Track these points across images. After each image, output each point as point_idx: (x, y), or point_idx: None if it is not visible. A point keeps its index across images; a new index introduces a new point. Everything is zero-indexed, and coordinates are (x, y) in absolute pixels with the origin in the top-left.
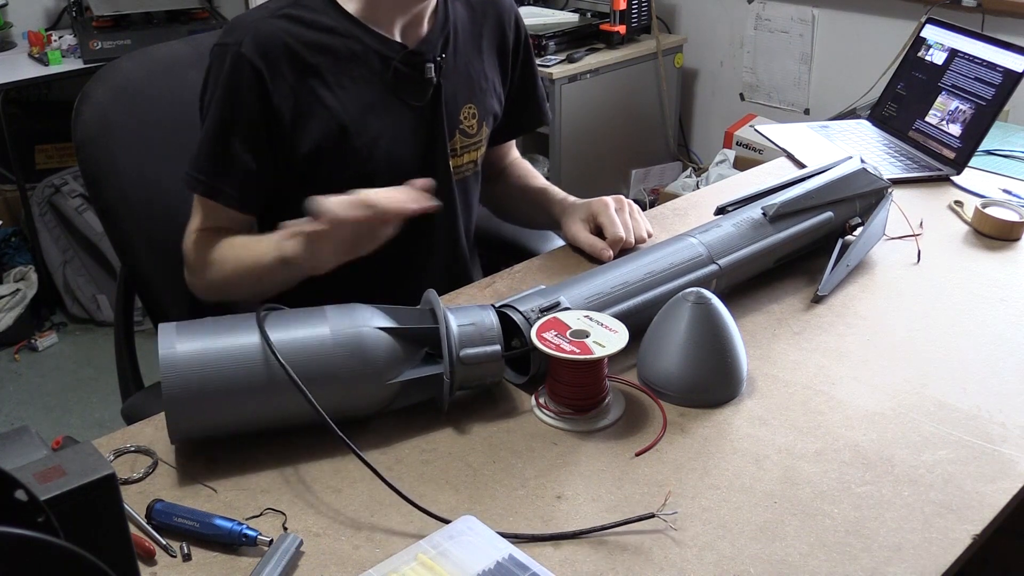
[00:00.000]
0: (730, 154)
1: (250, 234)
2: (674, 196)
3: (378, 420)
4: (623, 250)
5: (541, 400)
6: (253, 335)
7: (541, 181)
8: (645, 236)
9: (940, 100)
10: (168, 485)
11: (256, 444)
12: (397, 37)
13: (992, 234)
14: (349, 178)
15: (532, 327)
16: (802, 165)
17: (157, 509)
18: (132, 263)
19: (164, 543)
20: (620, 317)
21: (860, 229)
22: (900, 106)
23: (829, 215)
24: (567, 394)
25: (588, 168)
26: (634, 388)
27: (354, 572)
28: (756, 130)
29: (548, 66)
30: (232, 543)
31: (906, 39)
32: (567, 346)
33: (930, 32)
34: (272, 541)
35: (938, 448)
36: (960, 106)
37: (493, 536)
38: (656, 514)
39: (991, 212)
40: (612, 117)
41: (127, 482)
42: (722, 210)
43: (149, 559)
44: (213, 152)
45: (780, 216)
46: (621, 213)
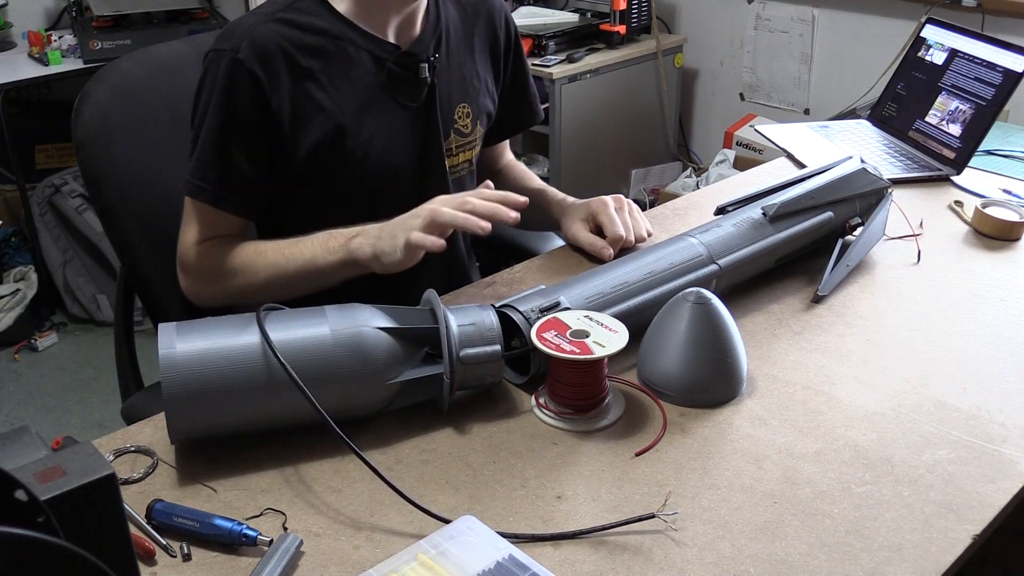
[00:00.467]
0: (730, 154)
1: (250, 238)
2: (674, 196)
3: (378, 420)
4: (623, 249)
5: (541, 400)
6: (253, 335)
7: (538, 183)
8: (645, 235)
9: (940, 100)
10: (168, 485)
11: (256, 444)
12: (391, 38)
13: (992, 234)
14: (346, 179)
15: (532, 327)
16: (802, 165)
17: (157, 509)
18: (132, 263)
19: (164, 543)
20: (620, 317)
21: (860, 229)
22: (900, 106)
23: (829, 215)
24: (567, 394)
25: (588, 168)
26: (634, 388)
27: (354, 572)
28: (756, 130)
29: (548, 66)
30: (232, 543)
31: (906, 39)
32: (567, 346)
33: (930, 32)
34: (272, 541)
35: (938, 448)
36: (960, 106)
37: (493, 536)
38: (656, 514)
39: (991, 212)
40: (612, 117)
41: (127, 482)
42: (722, 210)
43: (149, 559)
44: (215, 159)
45: (780, 216)
46: (620, 212)
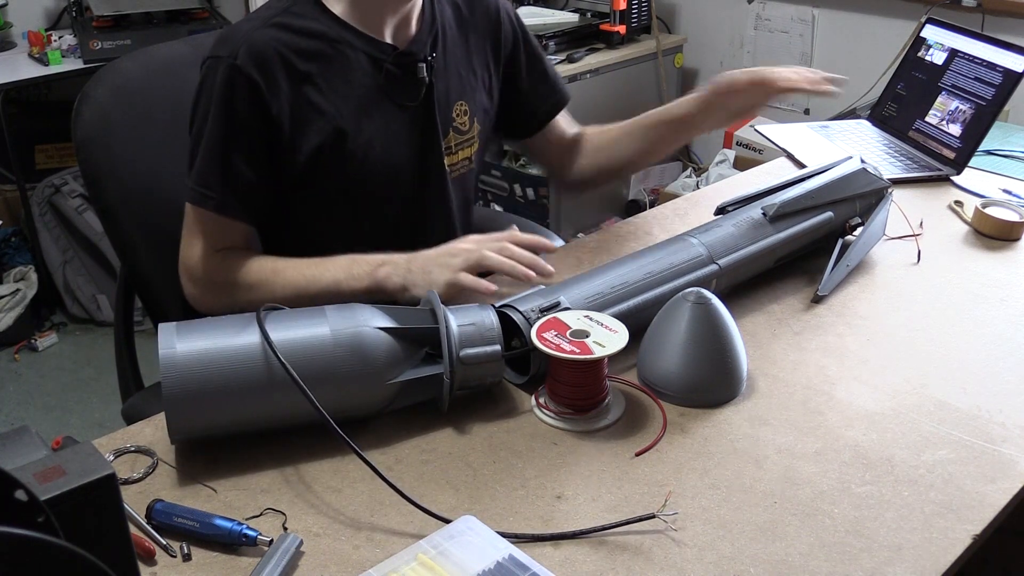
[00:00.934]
0: (730, 154)
1: (256, 248)
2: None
3: (378, 420)
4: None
5: (541, 400)
6: (253, 335)
7: (637, 117)
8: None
9: (940, 100)
10: (168, 485)
11: (256, 444)
12: (387, 38)
13: (992, 234)
14: (346, 181)
15: (532, 327)
16: (802, 165)
17: (157, 509)
18: (132, 263)
19: (164, 543)
20: (620, 317)
21: (860, 229)
22: (900, 106)
23: (829, 215)
24: (567, 394)
25: None
26: (634, 388)
27: (354, 572)
28: (756, 130)
29: None
30: (232, 543)
31: (906, 39)
32: (567, 346)
33: (930, 32)
34: (272, 541)
35: (938, 448)
36: (960, 106)
37: (493, 536)
38: (656, 514)
39: (991, 212)
40: (612, 117)
41: (127, 482)
42: (722, 210)
43: (149, 559)
44: (217, 166)
45: (780, 216)
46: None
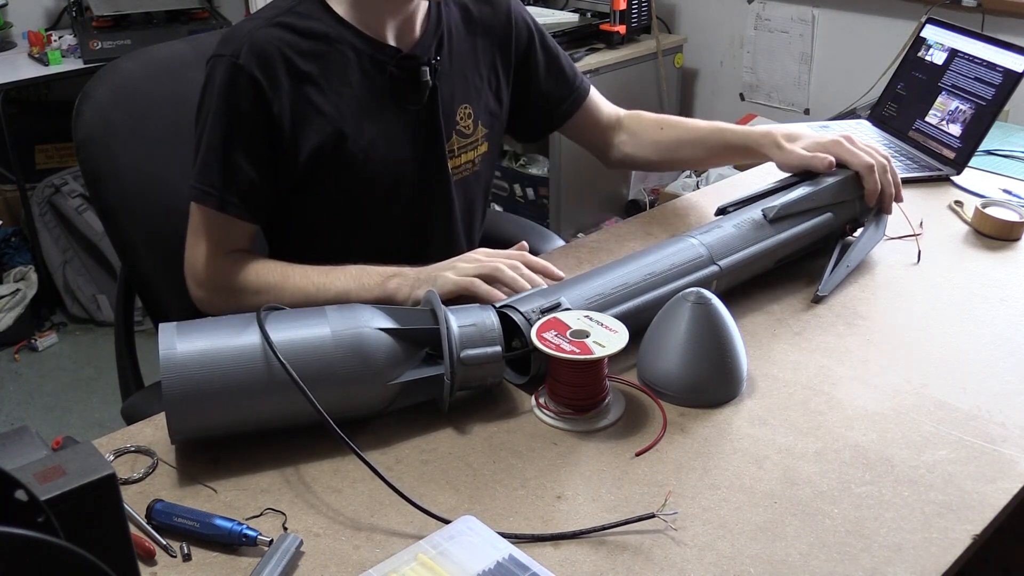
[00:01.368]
0: None
1: (261, 250)
2: (674, 196)
3: (378, 420)
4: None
5: (541, 400)
6: (253, 335)
7: (705, 123)
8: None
9: (940, 100)
10: (168, 485)
11: (256, 444)
12: (391, 40)
13: (992, 234)
14: (348, 183)
15: (532, 327)
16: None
17: (157, 509)
18: (132, 263)
19: (164, 543)
20: (621, 317)
21: (860, 230)
22: (900, 106)
23: (829, 216)
24: (567, 394)
25: (588, 168)
26: (634, 388)
27: (354, 572)
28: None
29: None
30: (232, 543)
31: (906, 39)
32: (567, 346)
33: (930, 32)
34: (272, 541)
35: (938, 448)
36: (960, 106)
37: (493, 536)
38: (656, 514)
39: (991, 212)
40: None
41: (127, 482)
42: (723, 211)
43: (149, 559)
44: (218, 164)
45: (780, 217)
46: (859, 148)
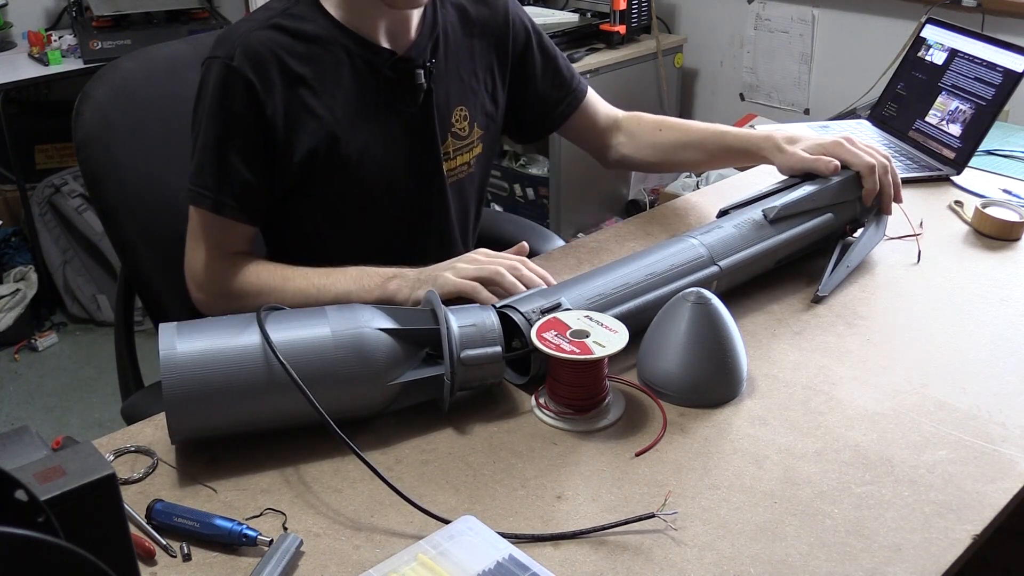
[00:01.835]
0: None
1: (260, 253)
2: (674, 196)
3: (378, 420)
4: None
5: (541, 400)
6: (253, 335)
7: (706, 125)
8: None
9: (940, 100)
10: (168, 485)
11: (256, 444)
12: (384, 43)
13: (992, 234)
14: (343, 186)
15: (532, 327)
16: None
17: (157, 509)
18: (132, 263)
19: (164, 543)
20: (621, 318)
21: (860, 230)
22: (900, 106)
23: (829, 217)
24: (567, 394)
25: (588, 168)
26: (634, 388)
27: (354, 572)
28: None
29: None
30: (232, 543)
31: (906, 39)
32: (567, 346)
33: (930, 32)
34: (272, 541)
35: (938, 448)
36: (960, 106)
37: (493, 536)
38: (656, 514)
39: (991, 212)
40: None
41: (127, 482)
42: (724, 213)
43: (149, 559)
44: (213, 165)
45: (781, 218)
46: (861, 149)
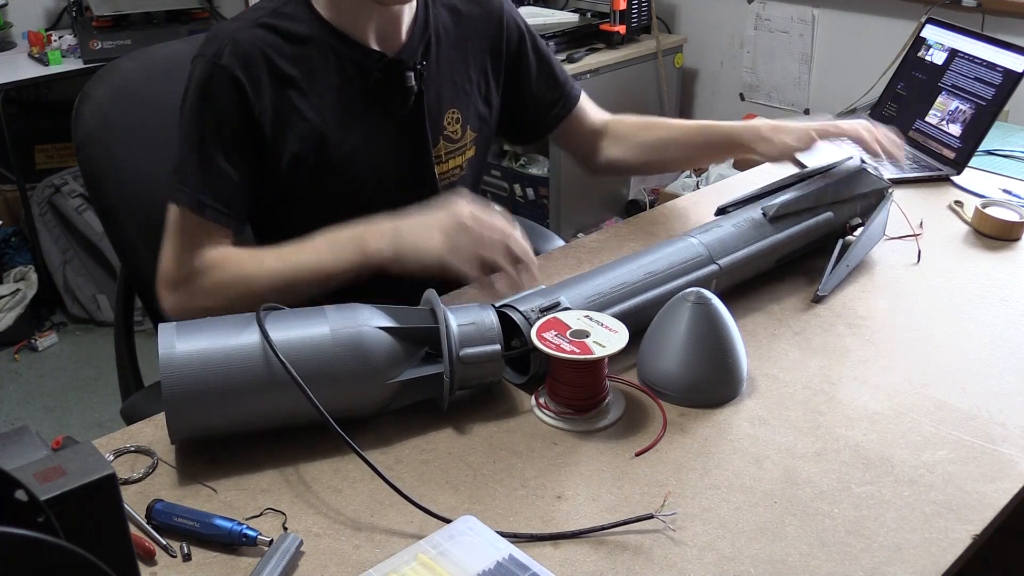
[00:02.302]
0: None
1: (244, 247)
2: (674, 196)
3: (378, 420)
4: (632, 251)
5: (541, 400)
6: (253, 335)
7: (685, 122)
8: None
9: (940, 100)
10: (168, 485)
11: (256, 444)
12: (374, 44)
13: (992, 234)
14: (332, 188)
15: (532, 327)
16: (802, 165)
17: (157, 509)
18: (132, 263)
19: (164, 543)
20: (620, 317)
21: (860, 229)
22: (900, 106)
23: (829, 215)
24: (567, 394)
25: None
26: (634, 388)
27: (354, 572)
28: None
29: None
30: (232, 543)
31: (906, 39)
32: (567, 346)
33: (930, 32)
34: (272, 541)
35: (938, 448)
36: (960, 106)
37: (493, 536)
38: (655, 515)
39: (991, 212)
40: None
41: (127, 482)
42: (723, 211)
43: (149, 559)
44: (196, 163)
45: (780, 216)
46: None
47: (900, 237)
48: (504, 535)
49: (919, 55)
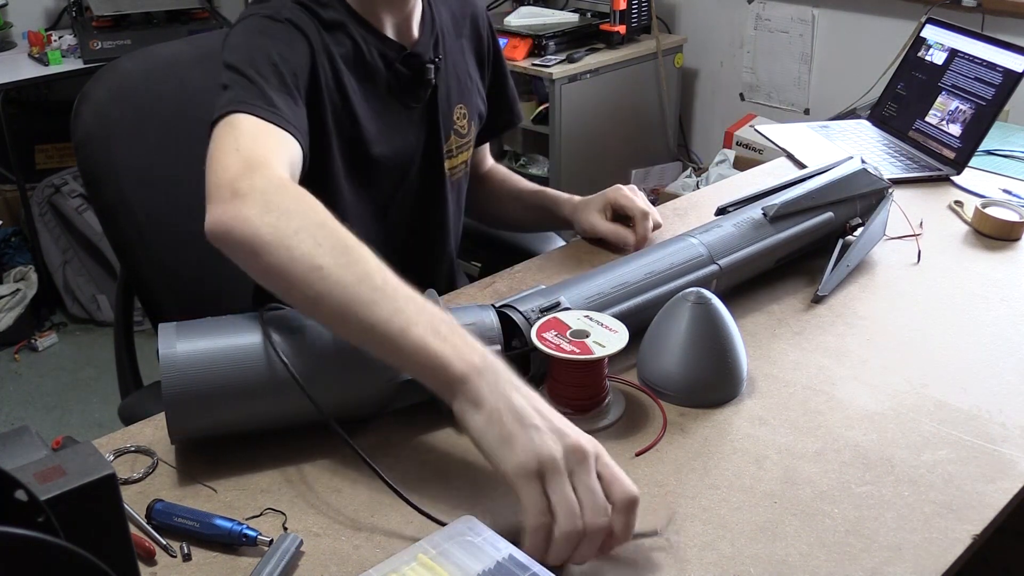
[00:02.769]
0: (730, 154)
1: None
2: (674, 196)
3: (378, 420)
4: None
5: None
6: (253, 335)
7: (532, 184)
8: (660, 221)
9: (940, 100)
10: (168, 485)
11: (256, 444)
12: (393, 37)
13: (992, 234)
14: (353, 180)
15: (532, 327)
16: (802, 165)
17: (157, 509)
18: (132, 263)
19: (164, 543)
20: (620, 317)
21: (860, 229)
22: (900, 106)
23: (829, 215)
24: (567, 394)
25: (588, 168)
26: (634, 388)
27: (354, 572)
28: (756, 130)
29: (548, 66)
30: (232, 543)
31: (906, 39)
32: (567, 346)
33: (930, 32)
34: (272, 541)
35: (938, 448)
36: (960, 106)
37: (493, 536)
38: (658, 532)
39: (991, 212)
40: (612, 117)
41: (127, 482)
42: (723, 211)
43: (149, 559)
44: (264, 87)
45: (780, 216)
46: (637, 197)
47: (900, 237)
48: (504, 535)
49: (919, 55)
